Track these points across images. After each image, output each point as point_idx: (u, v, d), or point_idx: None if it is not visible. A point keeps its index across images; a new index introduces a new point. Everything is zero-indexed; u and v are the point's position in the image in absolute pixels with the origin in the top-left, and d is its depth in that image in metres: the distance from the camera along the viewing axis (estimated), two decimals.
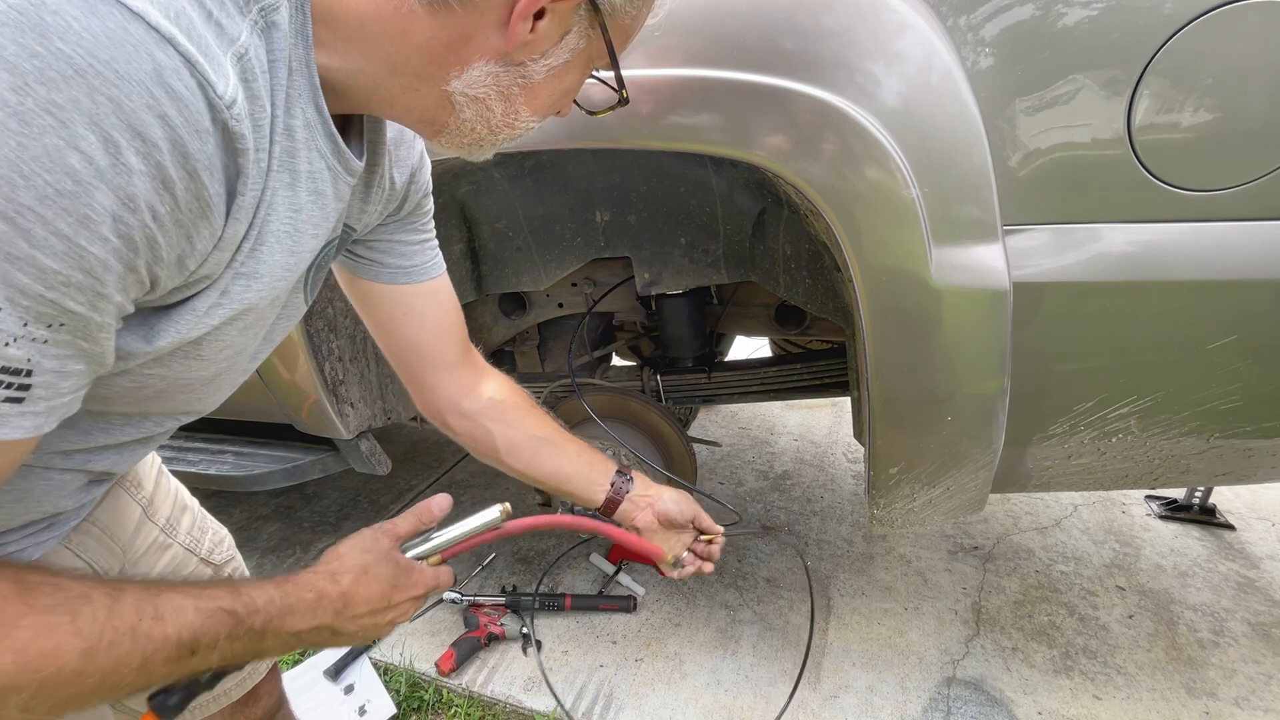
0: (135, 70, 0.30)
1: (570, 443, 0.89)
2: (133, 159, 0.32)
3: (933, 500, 1.01)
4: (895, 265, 0.81)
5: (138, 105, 0.31)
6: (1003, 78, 0.79)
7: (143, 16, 0.30)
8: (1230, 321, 0.80)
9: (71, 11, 0.28)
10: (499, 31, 0.47)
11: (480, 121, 0.52)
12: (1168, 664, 1.48)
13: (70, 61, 0.28)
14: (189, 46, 0.32)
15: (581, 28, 0.50)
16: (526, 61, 0.49)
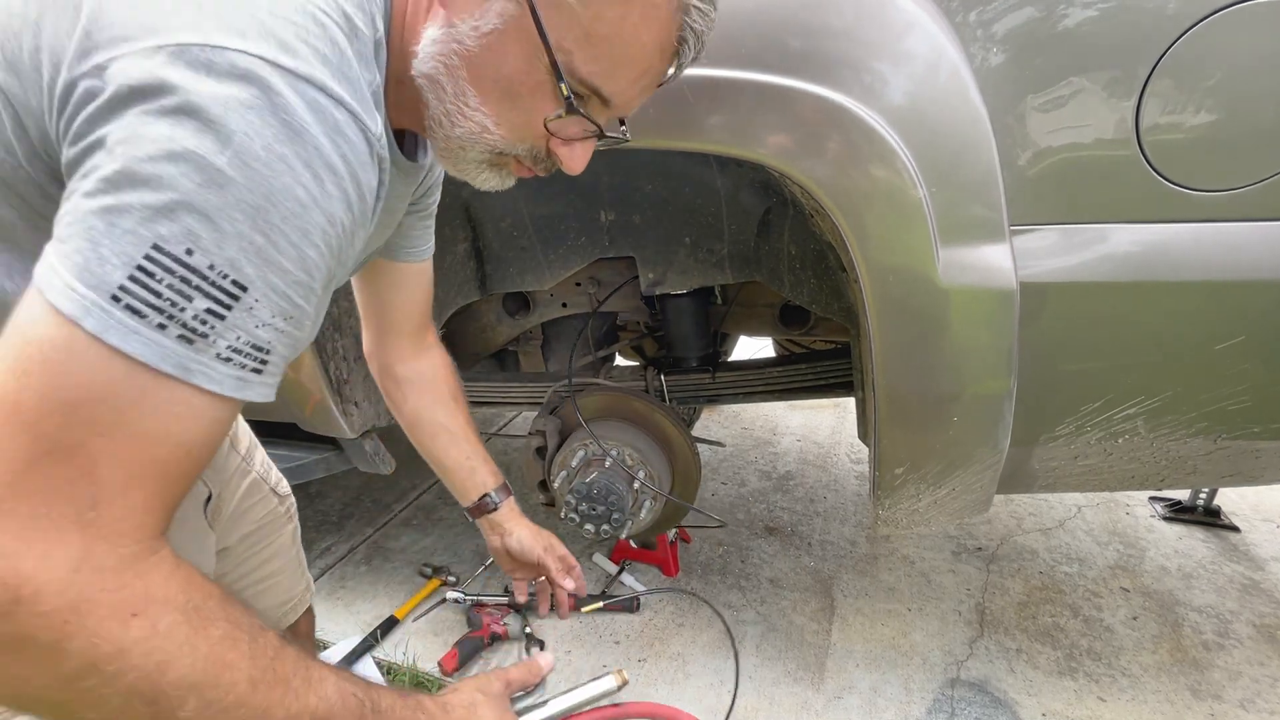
0: (327, 127, 0.43)
1: (466, 443, 1.03)
2: (331, 188, 0.44)
3: (938, 501, 1.00)
4: (902, 265, 0.81)
5: (330, 151, 0.43)
6: (1010, 77, 0.79)
7: (326, 90, 0.43)
8: (1238, 322, 0.80)
9: (289, 94, 0.41)
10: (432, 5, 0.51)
11: (439, 108, 0.53)
12: (1172, 666, 1.47)
13: (291, 127, 0.41)
14: (353, 103, 0.45)
15: (513, 8, 0.49)
16: (456, 20, 0.51)
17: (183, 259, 0.39)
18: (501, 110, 0.53)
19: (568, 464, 1.29)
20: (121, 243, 0.38)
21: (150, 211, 0.38)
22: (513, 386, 1.55)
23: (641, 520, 1.30)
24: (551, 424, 1.34)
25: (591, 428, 1.31)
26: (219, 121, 0.39)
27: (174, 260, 0.39)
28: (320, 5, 0.44)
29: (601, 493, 1.23)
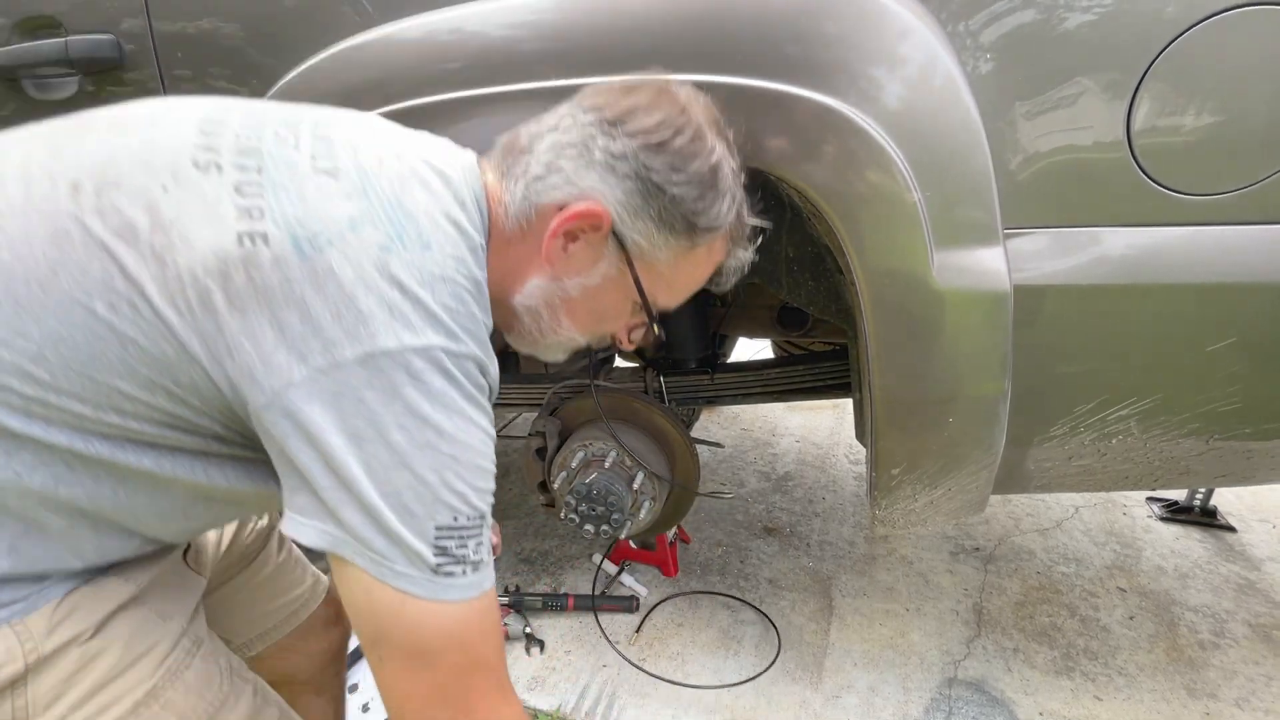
0: (481, 384, 0.55)
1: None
2: (488, 423, 0.54)
3: (934, 501, 1.01)
4: (898, 268, 0.82)
5: (484, 399, 0.55)
6: (1003, 82, 0.80)
7: (477, 361, 0.54)
8: (1229, 324, 0.81)
9: (461, 370, 0.52)
10: (538, 260, 0.62)
11: (534, 326, 0.66)
12: (1168, 665, 1.48)
13: (467, 392, 0.53)
14: (486, 361, 0.55)
15: (611, 259, 0.62)
16: (564, 278, 0.62)
17: (455, 525, 0.52)
18: (589, 327, 0.67)
19: (567, 465, 1.30)
20: (419, 533, 0.51)
21: (426, 495, 0.51)
22: (513, 388, 1.56)
23: (641, 520, 1.30)
24: (551, 425, 1.35)
25: (593, 428, 1.32)
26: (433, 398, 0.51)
27: (451, 529, 0.52)
28: (461, 277, 0.53)
29: (601, 493, 1.24)
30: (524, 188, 0.59)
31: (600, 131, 0.58)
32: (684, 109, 0.60)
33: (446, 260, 0.52)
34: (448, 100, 0.91)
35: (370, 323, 0.47)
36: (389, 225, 0.50)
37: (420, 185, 0.54)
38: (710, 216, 0.61)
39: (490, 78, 0.89)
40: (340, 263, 0.47)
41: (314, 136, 0.54)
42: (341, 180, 0.51)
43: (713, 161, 0.60)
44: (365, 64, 0.96)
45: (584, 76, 0.84)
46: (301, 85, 1.01)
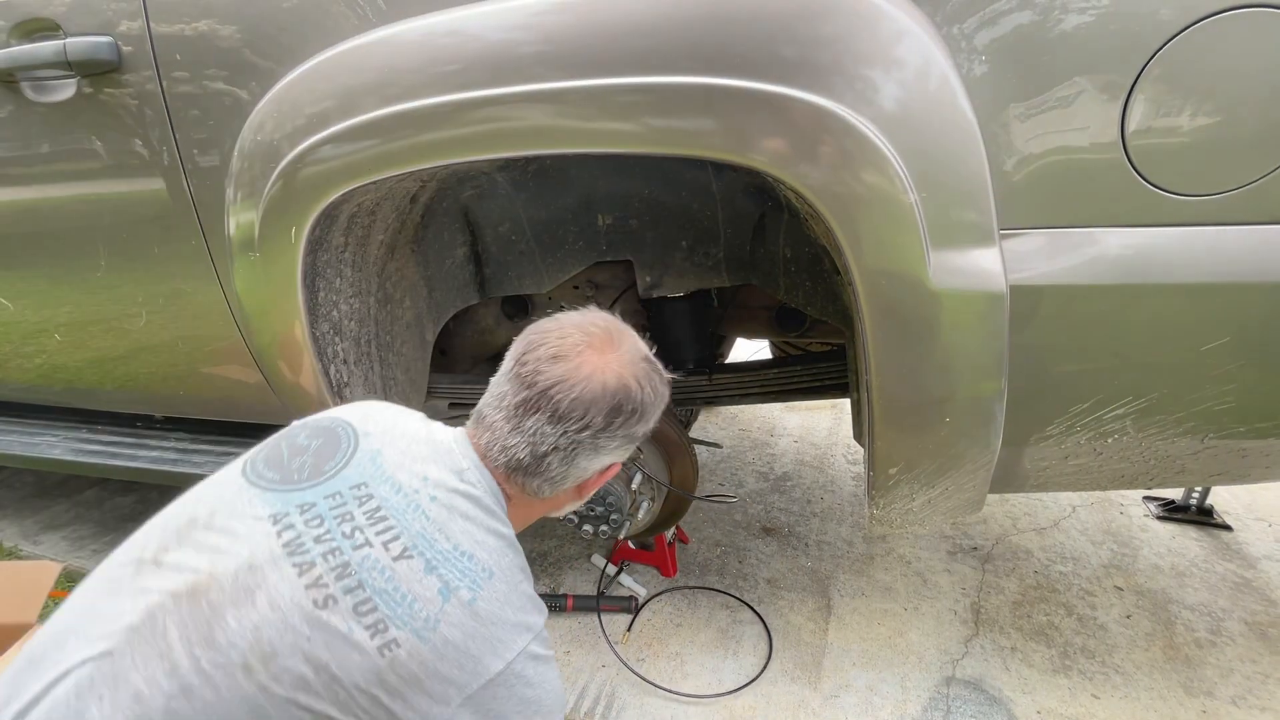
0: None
1: None
2: (555, 666, 0.76)
3: (931, 500, 1.02)
4: (894, 269, 0.82)
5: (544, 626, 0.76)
6: (998, 84, 0.80)
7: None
8: (1223, 324, 0.81)
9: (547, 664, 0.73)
10: (575, 499, 0.87)
11: (550, 514, 0.90)
12: (1165, 663, 1.49)
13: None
14: (541, 604, 0.76)
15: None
16: (587, 495, 0.87)
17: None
18: (587, 494, 0.88)
19: None
20: None
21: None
22: None
23: (639, 521, 1.31)
24: None
25: None
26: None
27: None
28: (518, 573, 0.74)
29: (599, 494, 1.25)
30: (552, 485, 0.78)
31: (591, 437, 0.75)
32: (620, 380, 0.75)
33: (507, 574, 0.71)
34: (447, 103, 0.91)
35: (481, 661, 0.66)
36: (463, 577, 0.67)
37: (461, 516, 0.71)
38: (651, 424, 0.81)
39: (490, 80, 0.89)
40: (450, 630, 0.65)
41: (364, 512, 0.69)
42: (415, 558, 0.67)
43: (652, 408, 0.79)
44: (364, 67, 0.97)
45: (583, 79, 0.84)
46: (300, 87, 1.01)
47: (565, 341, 0.76)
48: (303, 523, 0.67)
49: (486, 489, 0.75)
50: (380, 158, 0.98)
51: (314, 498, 0.69)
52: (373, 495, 0.70)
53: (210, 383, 1.40)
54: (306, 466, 0.73)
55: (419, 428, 0.81)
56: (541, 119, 0.87)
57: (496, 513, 0.75)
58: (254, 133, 1.04)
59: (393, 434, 0.78)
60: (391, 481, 0.71)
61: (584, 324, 0.78)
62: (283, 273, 1.08)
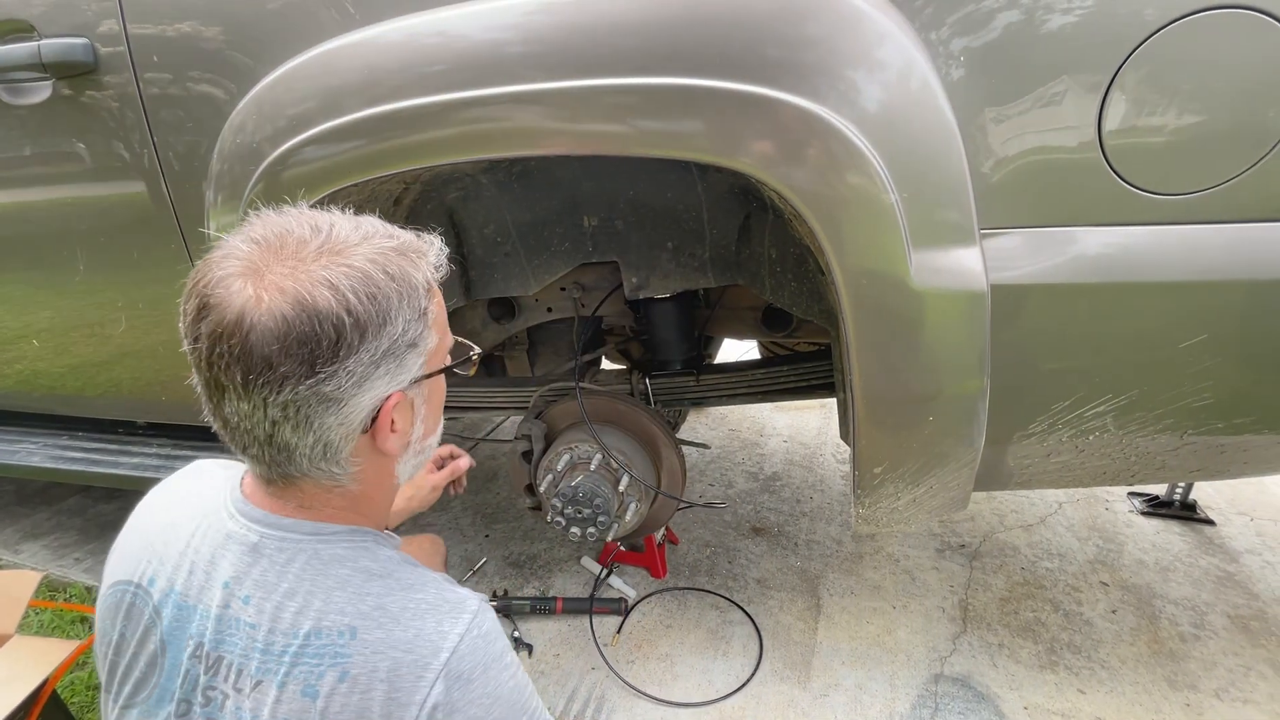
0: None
1: None
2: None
3: (917, 499, 1.02)
4: (876, 268, 0.83)
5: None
6: (977, 85, 0.81)
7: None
8: (1200, 321, 0.82)
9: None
10: (389, 459, 0.65)
11: (417, 466, 0.71)
12: (1150, 657, 1.51)
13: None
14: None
15: (419, 392, 0.64)
16: (410, 441, 0.66)
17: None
18: (437, 424, 0.73)
19: (553, 468, 1.30)
20: None
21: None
22: (499, 391, 1.56)
23: (627, 522, 1.31)
24: (537, 428, 1.35)
25: (578, 431, 1.32)
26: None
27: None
28: (396, 605, 0.61)
29: (587, 496, 1.24)
30: (327, 460, 0.60)
31: (305, 389, 0.54)
32: (295, 298, 0.53)
33: (374, 614, 0.59)
34: (432, 104, 0.91)
35: (392, 716, 0.58)
36: (319, 661, 0.58)
37: (285, 595, 0.60)
38: (403, 326, 0.58)
39: (475, 81, 0.89)
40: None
41: (205, 669, 0.60)
42: (264, 680, 0.58)
43: (384, 302, 0.56)
44: (347, 67, 0.96)
45: (569, 79, 0.84)
46: (282, 88, 1.00)
47: (207, 280, 0.54)
48: (176, 716, 0.61)
49: (292, 539, 0.61)
50: (363, 160, 0.97)
51: (170, 684, 0.61)
52: (201, 643, 0.60)
53: (194, 389, 1.39)
54: (141, 659, 0.63)
55: (183, 518, 0.66)
56: (524, 120, 0.87)
57: (323, 552, 0.62)
58: (234, 134, 1.03)
59: (168, 555, 0.64)
60: (202, 612, 0.61)
61: (234, 244, 0.55)
62: None
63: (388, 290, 0.56)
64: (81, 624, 1.69)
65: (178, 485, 0.72)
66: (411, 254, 0.60)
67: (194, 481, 0.71)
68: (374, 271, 0.55)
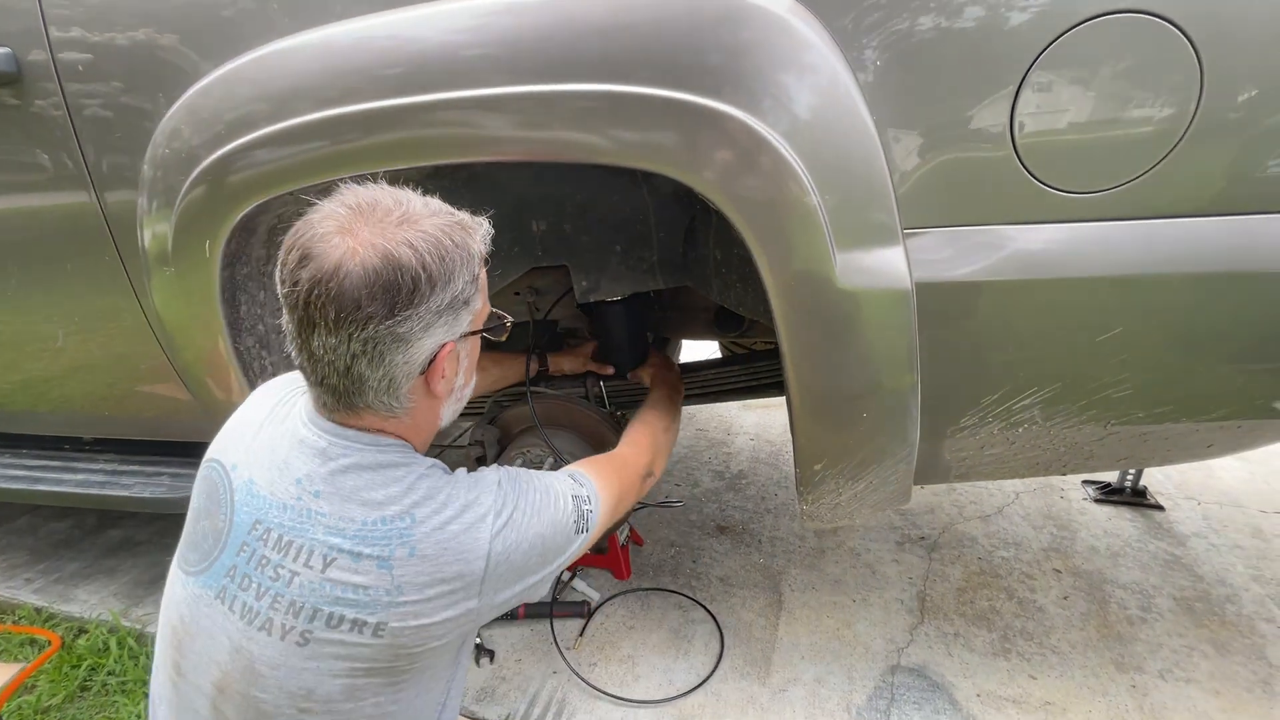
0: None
1: None
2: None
3: (858, 494, 1.04)
4: (802, 269, 0.84)
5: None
6: (894, 88, 0.82)
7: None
8: (1115, 315, 0.85)
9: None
10: (437, 400, 0.79)
11: (454, 415, 0.85)
12: (1099, 641, 1.55)
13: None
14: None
15: (465, 346, 0.77)
16: (454, 388, 0.80)
17: None
18: (446, 391, 0.83)
19: None
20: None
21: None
22: None
23: None
24: (490, 434, 1.35)
25: (532, 436, 1.32)
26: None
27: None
28: (444, 494, 0.75)
29: None
30: (390, 394, 0.72)
31: (386, 328, 0.67)
32: (383, 253, 0.65)
33: (428, 502, 0.73)
34: (386, 109, 0.89)
35: (463, 576, 0.73)
36: (389, 540, 0.70)
37: (351, 493, 0.72)
38: (461, 285, 0.70)
39: (431, 84, 0.88)
40: (415, 584, 0.71)
41: (272, 548, 0.72)
42: (339, 556, 0.70)
43: (452, 263, 0.69)
44: (294, 71, 0.94)
45: (527, 84, 0.83)
46: (217, 92, 0.98)
47: (309, 236, 0.66)
48: (238, 588, 0.72)
49: (355, 447, 0.73)
50: (299, 167, 0.96)
51: (230, 559, 0.73)
52: (270, 528, 0.72)
53: (138, 402, 1.36)
54: (209, 534, 0.76)
55: (270, 420, 0.79)
56: (447, 128, 0.86)
57: (381, 459, 0.73)
58: (167, 140, 1.02)
59: (253, 448, 0.77)
60: (276, 504, 0.72)
61: (331, 209, 0.67)
62: (201, 287, 1.06)
63: (453, 254, 0.68)
64: (30, 646, 1.65)
65: (273, 390, 0.85)
66: (470, 227, 0.72)
67: (282, 390, 0.84)
68: (443, 238, 0.68)
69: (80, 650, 1.61)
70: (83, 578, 1.89)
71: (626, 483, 1.00)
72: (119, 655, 1.58)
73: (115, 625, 1.67)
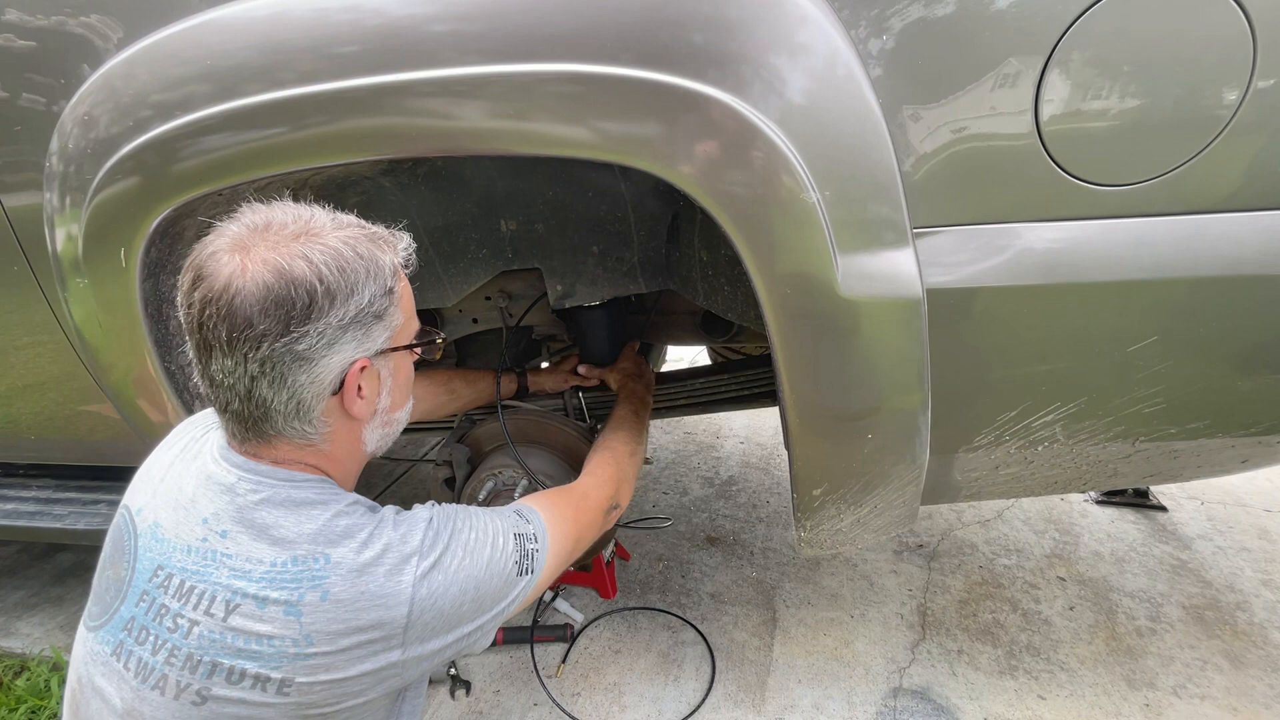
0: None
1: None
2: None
3: (860, 519, 0.95)
4: (799, 273, 0.74)
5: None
6: (905, 72, 0.72)
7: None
8: (1150, 322, 0.76)
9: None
10: (357, 423, 0.72)
11: (386, 439, 0.78)
12: (1108, 656, 1.47)
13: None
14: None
15: (386, 364, 0.71)
16: (378, 410, 0.73)
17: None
18: (405, 399, 0.80)
19: (475, 497, 1.19)
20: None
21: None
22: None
23: None
24: (459, 452, 1.24)
25: (503, 455, 1.21)
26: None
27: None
28: (364, 534, 0.68)
29: None
30: (300, 419, 0.67)
31: (282, 346, 0.62)
32: (274, 268, 0.61)
33: (344, 541, 0.66)
34: (345, 89, 0.77)
35: (383, 624, 0.65)
36: (299, 584, 0.63)
37: (260, 531, 0.65)
38: (369, 298, 0.65)
39: (394, 64, 0.76)
40: (327, 633, 0.64)
41: (172, 595, 0.65)
42: (243, 603, 0.64)
43: (352, 275, 0.64)
44: (237, 47, 0.81)
45: (486, 65, 0.72)
46: (143, 68, 0.85)
47: (202, 256, 0.63)
48: (135, 642, 0.66)
49: (266, 482, 0.67)
50: (229, 160, 0.84)
51: (129, 611, 0.67)
52: (172, 573, 0.66)
53: (68, 428, 1.24)
54: (111, 584, 0.70)
55: (181, 458, 0.74)
56: (398, 116, 0.75)
57: (296, 495, 0.67)
58: (77, 126, 0.88)
59: (159, 490, 0.72)
60: (180, 547, 0.67)
61: (227, 228, 0.64)
62: (119, 300, 0.93)
63: (356, 266, 0.64)
64: None
65: (188, 427, 0.80)
66: (381, 241, 0.68)
67: (197, 426, 0.78)
68: (345, 250, 0.64)
69: (19, 691, 1.48)
70: (27, 608, 1.76)
71: (585, 519, 0.91)
72: (60, 697, 1.45)
73: (59, 662, 1.55)
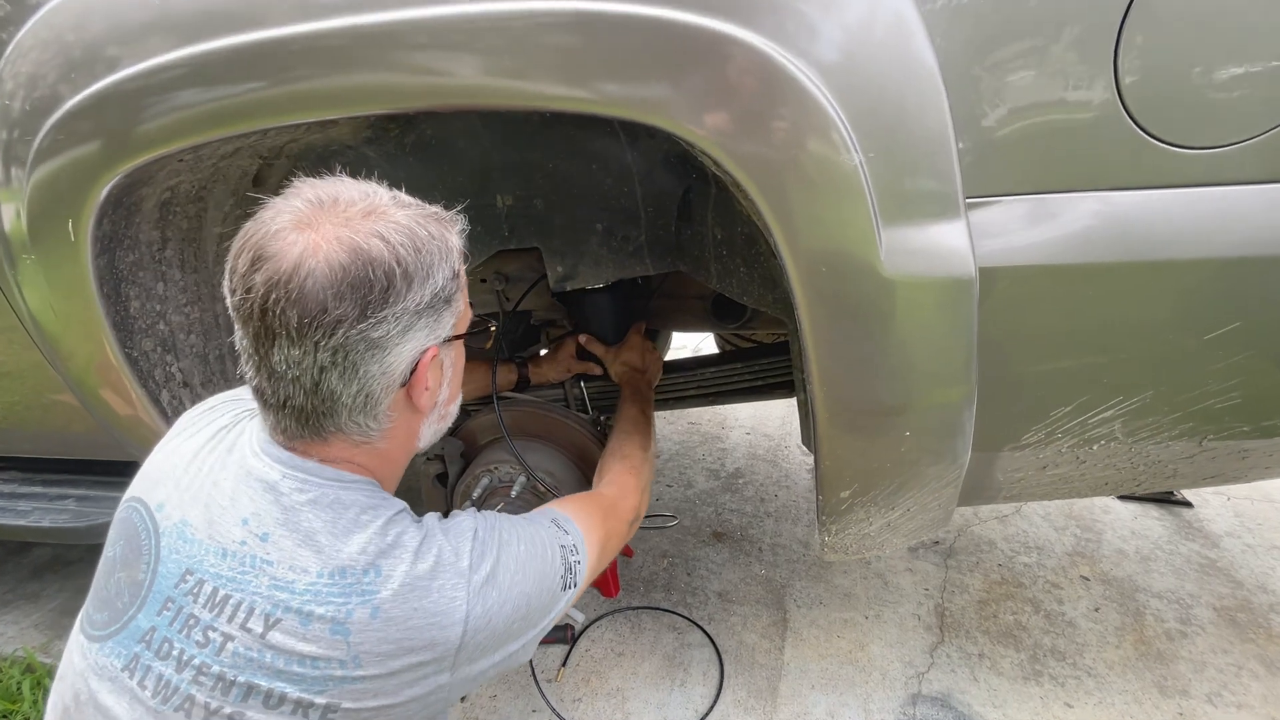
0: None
1: None
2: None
3: (891, 523, 0.86)
4: (836, 249, 0.65)
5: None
6: (965, 19, 0.62)
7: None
8: (1234, 306, 0.67)
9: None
10: (419, 416, 0.68)
11: (434, 438, 0.73)
12: (1137, 660, 1.40)
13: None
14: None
15: (449, 352, 0.67)
16: (438, 402, 0.69)
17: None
18: (459, 388, 0.77)
19: (469, 494, 1.10)
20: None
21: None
22: None
23: None
24: (452, 446, 1.15)
25: (499, 449, 1.13)
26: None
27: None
28: (415, 546, 0.62)
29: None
30: (365, 414, 0.61)
31: (356, 333, 0.57)
32: (349, 246, 0.56)
33: (396, 554, 0.60)
34: (329, 31, 0.67)
35: (436, 645, 0.60)
36: (348, 598, 0.58)
37: (306, 537, 0.59)
38: (442, 281, 0.60)
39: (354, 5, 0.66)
40: (376, 655, 0.58)
41: (203, 605, 0.58)
42: (284, 618, 0.57)
43: (428, 255, 0.59)
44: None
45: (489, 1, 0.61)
46: (83, 5, 0.75)
47: (261, 235, 0.56)
48: (154, 656, 0.59)
49: (314, 481, 0.61)
50: (181, 122, 0.75)
51: (148, 620, 0.60)
52: (204, 579, 0.59)
53: (30, 419, 1.15)
54: (125, 588, 0.62)
55: (210, 449, 0.66)
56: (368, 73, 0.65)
57: (345, 498, 0.61)
58: (15, 81, 0.78)
59: (186, 484, 0.64)
60: (214, 550, 0.60)
61: (285, 204, 0.58)
62: (70, 279, 0.84)
63: (430, 246, 0.59)
64: None
65: (211, 414, 0.72)
66: (445, 220, 0.63)
67: (225, 413, 0.71)
68: (418, 228, 0.59)
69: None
70: (0, 606, 1.68)
71: (613, 529, 0.85)
72: (34, 701, 1.37)
73: (32, 663, 1.47)
